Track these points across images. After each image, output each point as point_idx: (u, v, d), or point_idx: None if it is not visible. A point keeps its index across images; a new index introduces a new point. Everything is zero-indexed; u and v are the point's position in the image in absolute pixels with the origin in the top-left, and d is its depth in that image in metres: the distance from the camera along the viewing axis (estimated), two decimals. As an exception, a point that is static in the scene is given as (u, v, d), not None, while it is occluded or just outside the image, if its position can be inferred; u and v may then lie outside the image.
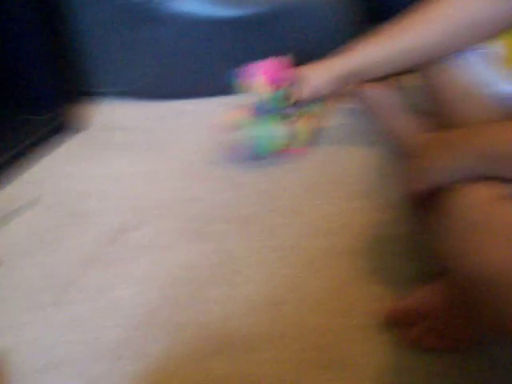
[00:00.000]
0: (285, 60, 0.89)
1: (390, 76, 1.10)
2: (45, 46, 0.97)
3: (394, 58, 0.80)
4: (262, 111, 0.91)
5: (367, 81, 1.01)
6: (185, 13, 1.01)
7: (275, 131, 0.92)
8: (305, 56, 0.91)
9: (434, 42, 0.76)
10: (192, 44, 1.05)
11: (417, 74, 1.10)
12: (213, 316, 0.71)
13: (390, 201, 0.86)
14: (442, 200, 0.61)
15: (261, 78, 0.88)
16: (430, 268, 0.75)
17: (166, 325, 0.71)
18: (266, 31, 0.89)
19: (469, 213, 0.56)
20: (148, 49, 1.06)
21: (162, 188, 0.92)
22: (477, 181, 0.57)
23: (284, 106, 0.90)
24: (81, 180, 0.95)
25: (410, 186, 0.64)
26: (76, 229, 0.86)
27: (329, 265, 0.77)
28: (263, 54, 0.91)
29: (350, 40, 0.85)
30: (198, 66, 1.09)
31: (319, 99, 0.92)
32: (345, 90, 0.89)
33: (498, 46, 0.76)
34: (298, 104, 0.90)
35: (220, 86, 0.93)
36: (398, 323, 0.67)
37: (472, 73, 0.77)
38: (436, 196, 0.63)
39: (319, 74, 0.87)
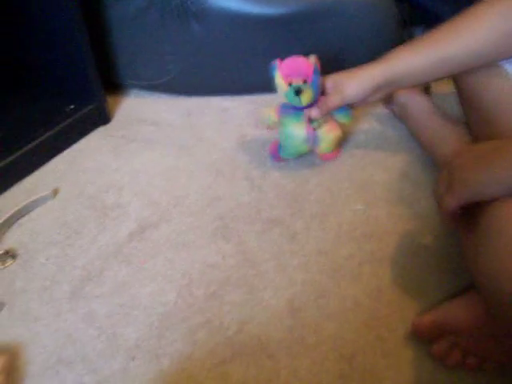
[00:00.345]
0: (311, 58, 0.85)
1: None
2: (77, 37, 0.96)
3: (435, 66, 0.77)
4: (285, 111, 0.89)
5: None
6: (219, 9, 0.99)
7: (295, 133, 0.89)
8: (345, 55, 0.88)
9: (477, 52, 0.73)
10: (224, 41, 1.04)
11: (446, 81, 1.09)
12: (230, 319, 0.70)
13: (419, 210, 0.83)
14: (480, 215, 0.59)
15: (277, 73, 0.85)
16: (458, 281, 0.72)
17: (182, 326, 0.69)
18: (303, 30, 0.86)
19: (509, 230, 0.54)
20: (178, 43, 1.04)
21: (184, 185, 0.91)
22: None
23: (299, 105, 0.86)
24: (102, 173, 0.94)
25: (446, 199, 0.61)
26: (95, 223, 0.84)
27: (351, 273, 0.75)
28: (299, 54, 0.87)
29: (392, 41, 0.82)
30: (228, 62, 1.07)
31: (349, 106, 0.89)
32: (377, 97, 0.86)
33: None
34: (324, 110, 0.87)
35: (250, 84, 0.91)
36: (423, 337, 0.65)
37: (510, 82, 0.74)
38: (473, 211, 0.60)
39: (355, 84, 0.83)
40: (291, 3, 0.99)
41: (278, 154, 0.94)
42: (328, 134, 0.90)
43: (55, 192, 0.91)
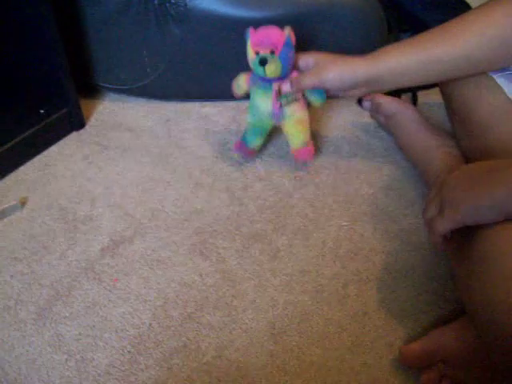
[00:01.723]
0: (285, 30, 0.80)
1: (405, 90, 1.06)
2: (49, 36, 0.90)
3: (421, 68, 0.74)
4: (255, 81, 0.85)
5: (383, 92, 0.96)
6: (200, 11, 0.94)
7: (261, 105, 0.85)
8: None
9: (467, 57, 0.70)
10: (205, 44, 0.99)
11: (433, 91, 1.06)
12: (207, 344, 0.66)
13: (406, 226, 0.80)
14: (473, 240, 0.56)
15: (248, 42, 0.81)
16: (447, 304, 0.69)
17: (156, 350, 0.65)
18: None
19: (505, 258, 0.51)
20: (157, 46, 1.00)
21: (160, 197, 0.86)
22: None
23: (263, 76, 0.81)
24: (74, 182, 0.89)
25: (437, 222, 0.58)
26: (65, 237, 0.79)
27: (335, 294, 0.71)
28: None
29: (380, 46, 0.78)
30: (209, 67, 1.02)
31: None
32: (356, 93, 0.82)
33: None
34: (294, 87, 0.83)
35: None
36: (411, 365, 0.62)
37: (504, 94, 0.72)
38: (466, 235, 0.57)
39: (337, 71, 0.78)
40: (276, 7, 0.95)
41: (243, 145, 0.91)
42: (294, 113, 0.86)
43: (23, 202, 0.85)
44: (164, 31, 0.97)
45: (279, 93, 0.84)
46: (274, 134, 0.97)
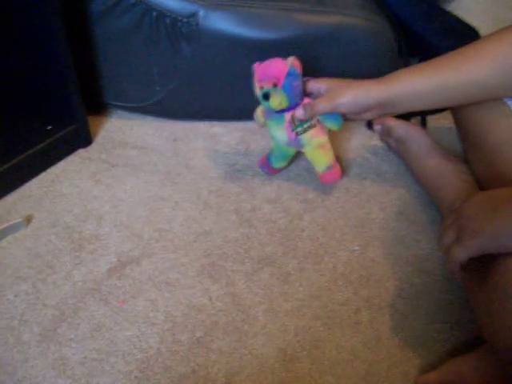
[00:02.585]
0: (288, 60, 0.80)
1: (415, 113, 1.05)
2: (59, 52, 0.90)
3: (435, 93, 0.73)
4: (269, 113, 0.85)
5: (394, 115, 0.95)
6: (212, 31, 0.94)
7: (278, 136, 0.86)
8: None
9: (481, 83, 0.70)
10: (215, 64, 0.99)
11: (444, 114, 1.06)
12: (217, 370, 0.64)
13: (418, 251, 0.79)
14: (493, 269, 0.54)
15: (254, 77, 0.82)
16: (462, 332, 0.68)
17: (165, 376, 0.63)
18: (298, 56, 0.82)
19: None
20: (167, 65, 0.99)
21: (168, 217, 0.85)
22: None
23: (270, 109, 0.82)
24: (80, 200, 0.88)
25: (455, 250, 0.56)
26: (70, 256, 0.78)
27: (348, 321, 0.70)
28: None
29: (390, 69, 0.78)
30: (219, 87, 1.02)
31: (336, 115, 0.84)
32: (369, 116, 0.81)
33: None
34: (308, 113, 0.81)
35: (241, 109, 0.87)
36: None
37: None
38: (484, 264, 0.56)
39: (350, 95, 0.78)
40: (287, 28, 0.95)
41: (268, 163, 0.92)
42: (312, 139, 0.85)
43: (28, 219, 0.84)
44: (175, 50, 0.97)
45: (293, 122, 0.83)
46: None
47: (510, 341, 0.50)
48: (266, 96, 0.79)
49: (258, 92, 0.81)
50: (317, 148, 0.86)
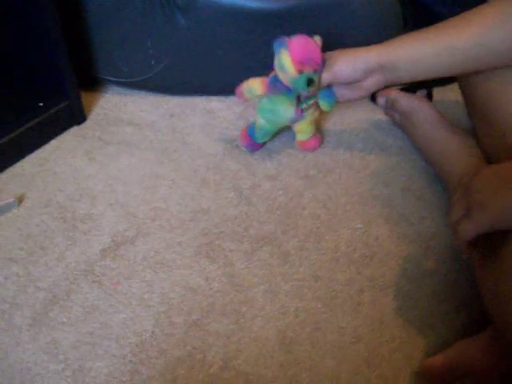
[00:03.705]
0: (318, 41, 0.79)
1: (421, 86, 1.01)
2: (49, 25, 0.86)
3: (439, 56, 0.70)
4: (275, 87, 0.82)
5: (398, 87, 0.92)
6: (208, 1, 0.90)
7: (284, 112, 0.83)
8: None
9: (488, 46, 0.67)
10: (212, 36, 0.95)
11: (447, 88, 1.02)
12: (214, 353, 0.62)
13: (423, 229, 0.76)
14: (502, 247, 0.52)
15: (287, 55, 0.77)
16: (468, 312, 0.65)
17: (160, 360, 0.61)
18: (302, 26, 0.79)
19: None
20: (162, 38, 0.95)
21: (165, 196, 0.82)
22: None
23: (305, 93, 0.80)
24: (74, 179, 0.85)
25: (463, 226, 0.54)
26: (63, 237, 0.75)
27: (350, 301, 0.67)
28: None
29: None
30: (216, 60, 0.98)
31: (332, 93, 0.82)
32: (369, 85, 0.78)
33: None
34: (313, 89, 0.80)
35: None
36: (433, 380, 0.58)
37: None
38: (494, 242, 0.53)
39: (348, 60, 0.76)
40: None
41: (252, 140, 0.88)
42: (313, 114, 0.86)
43: (20, 199, 0.81)
44: (170, 22, 0.93)
45: (299, 99, 0.82)
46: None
47: (509, 319, 0.48)
48: (311, 81, 0.77)
49: (295, 75, 0.77)
50: (310, 122, 0.86)
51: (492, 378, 0.55)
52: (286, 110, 0.83)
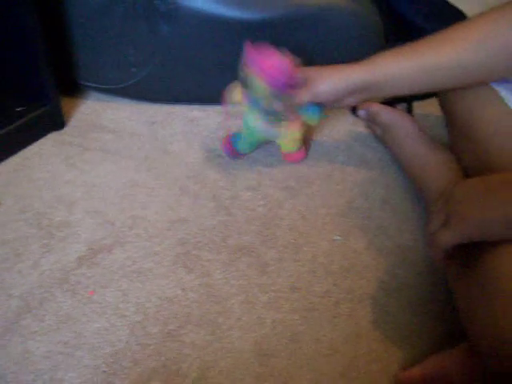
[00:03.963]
0: (290, 59, 0.77)
1: (401, 99, 1.02)
2: (30, 29, 0.85)
3: (418, 75, 0.71)
4: (251, 101, 0.82)
5: (378, 100, 0.93)
6: (191, 10, 0.90)
7: (253, 123, 0.83)
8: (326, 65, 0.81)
9: (465, 64, 0.68)
10: (195, 45, 0.94)
11: (427, 102, 1.03)
12: (189, 364, 0.61)
13: (401, 242, 0.76)
14: (478, 259, 0.52)
15: (258, 72, 0.77)
16: (445, 325, 0.65)
17: (134, 371, 0.60)
18: (281, 37, 0.79)
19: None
20: (144, 45, 0.95)
21: (144, 204, 0.81)
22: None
23: (273, 107, 0.80)
24: (51, 186, 0.84)
25: (441, 235, 0.54)
26: (38, 244, 0.74)
27: (327, 313, 0.67)
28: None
29: (375, 53, 0.75)
30: (198, 69, 0.98)
31: (318, 106, 0.82)
32: (351, 102, 0.79)
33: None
34: (291, 105, 0.80)
35: (221, 93, 0.83)
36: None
37: (507, 107, 0.68)
38: (471, 253, 0.54)
39: (329, 80, 0.76)
40: (271, 9, 0.91)
41: (232, 147, 0.88)
42: (287, 131, 0.84)
43: (-5, 205, 0.80)
44: (152, 29, 0.93)
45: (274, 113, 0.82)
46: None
47: (496, 344, 0.48)
48: (283, 99, 0.78)
49: (261, 85, 0.77)
50: (289, 140, 0.86)
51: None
52: (255, 121, 0.83)
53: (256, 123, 0.83)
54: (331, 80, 0.76)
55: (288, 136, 0.85)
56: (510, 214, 0.49)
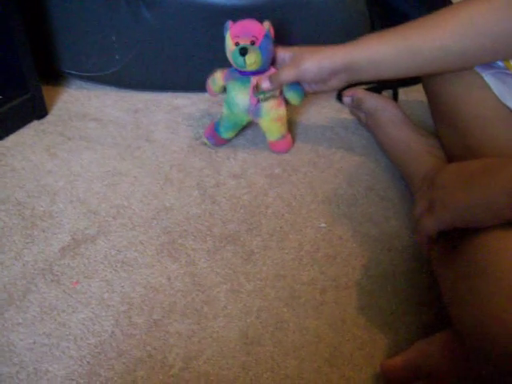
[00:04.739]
0: (264, 23, 0.79)
1: (387, 86, 1.02)
2: (9, 16, 0.83)
3: (402, 58, 0.71)
4: (232, 75, 0.83)
5: (361, 85, 0.92)
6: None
7: (238, 100, 0.83)
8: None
9: (449, 48, 0.67)
10: (178, 31, 0.93)
11: (413, 88, 1.03)
12: (175, 354, 0.61)
13: (387, 229, 0.76)
14: (462, 245, 0.52)
15: (228, 34, 0.80)
16: (430, 313, 0.66)
17: (119, 361, 0.60)
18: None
19: (497, 265, 0.47)
20: (127, 32, 0.93)
21: (128, 193, 0.80)
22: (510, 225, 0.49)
23: (243, 67, 0.80)
24: (33, 175, 0.83)
25: (424, 221, 0.54)
26: (21, 235, 0.73)
27: (312, 301, 0.67)
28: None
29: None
30: (182, 56, 0.97)
31: (301, 86, 0.83)
32: (335, 83, 0.79)
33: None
34: (275, 83, 0.80)
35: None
36: (393, 381, 0.58)
37: (492, 93, 0.68)
38: (455, 239, 0.54)
39: (314, 58, 0.76)
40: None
41: (216, 133, 0.88)
42: (272, 110, 0.84)
43: (-24, 195, 0.79)
44: (135, 16, 0.91)
45: (257, 88, 0.81)
46: (248, 127, 0.92)
47: (480, 330, 0.48)
48: (244, 51, 0.77)
49: (233, 48, 0.79)
50: (273, 120, 0.85)
51: (452, 376, 0.55)
52: (240, 98, 0.83)
53: (238, 98, 0.83)
54: (316, 58, 0.76)
55: (270, 114, 0.84)
56: (491, 199, 0.49)
